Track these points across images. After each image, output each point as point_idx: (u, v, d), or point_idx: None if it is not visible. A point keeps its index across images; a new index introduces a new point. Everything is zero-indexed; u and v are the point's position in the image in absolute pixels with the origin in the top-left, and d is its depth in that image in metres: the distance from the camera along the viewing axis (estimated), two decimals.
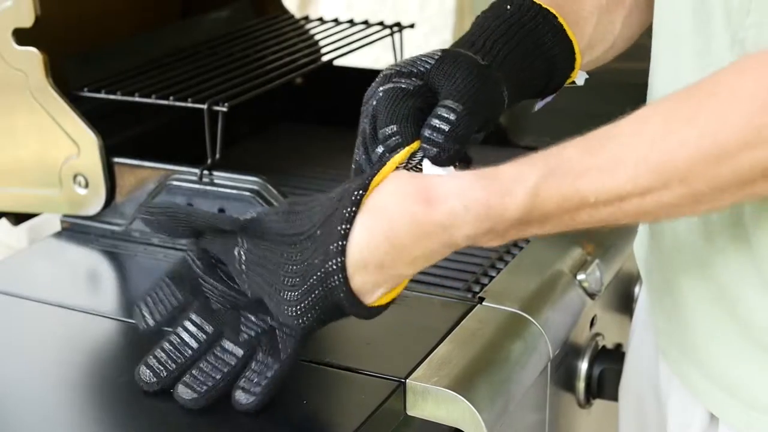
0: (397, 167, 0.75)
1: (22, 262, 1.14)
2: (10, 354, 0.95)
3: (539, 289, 0.99)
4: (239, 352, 0.81)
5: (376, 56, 2.05)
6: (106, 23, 1.31)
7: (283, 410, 0.82)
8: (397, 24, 1.39)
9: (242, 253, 0.79)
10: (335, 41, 1.34)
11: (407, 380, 0.85)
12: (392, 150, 0.76)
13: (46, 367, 0.92)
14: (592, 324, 1.06)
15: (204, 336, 0.82)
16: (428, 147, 0.75)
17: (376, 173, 0.75)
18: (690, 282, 0.80)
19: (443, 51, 0.79)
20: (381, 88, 0.78)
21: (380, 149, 0.77)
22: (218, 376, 0.80)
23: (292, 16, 1.47)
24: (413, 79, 0.77)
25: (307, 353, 0.88)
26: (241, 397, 0.80)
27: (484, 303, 0.96)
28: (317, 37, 1.39)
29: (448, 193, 0.71)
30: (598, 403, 1.08)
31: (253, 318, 0.81)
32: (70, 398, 0.89)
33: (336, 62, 1.35)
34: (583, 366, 1.05)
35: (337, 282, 0.74)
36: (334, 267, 0.74)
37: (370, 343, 0.93)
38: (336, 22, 1.43)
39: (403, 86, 0.77)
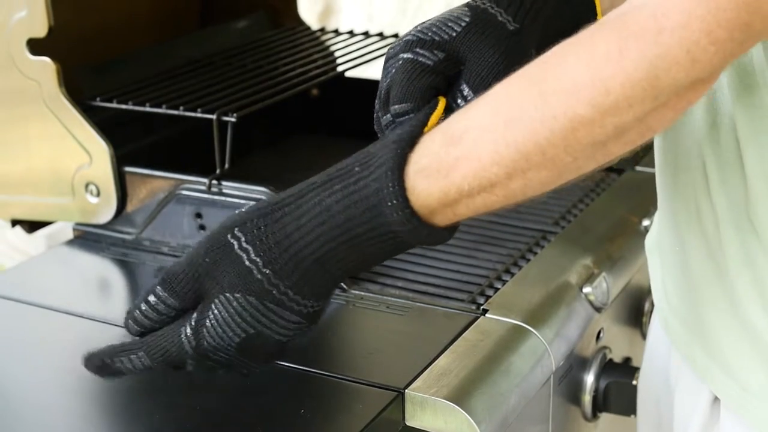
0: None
1: (33, 270, 1.15)
2: (20, 360, 0.96)
3: (543, 301, 0.99)
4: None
5: None
6: (123, 34, 1.33)
7: (281, 419, 0.83)
8: None
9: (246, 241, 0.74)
10: (349, 53, 1.34)
11: (406, 390, 0.85)
12: (400, 116, 0.76)
13: (53, 374, 0.93)
14: (598, 337, 1.06)
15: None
16: None
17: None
18: (698, 268, 0.82)
19: (471, 13, 0.77)
20: (402, 56, 0.76)
21: (389, 117, 0.77)
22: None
23: (308, 28, 1.48)
24: (435, 52, 0.76)
25: (307, 362, 0.89)
26: None
27: (487, 315, 0.96)
28: (332, 49, 1.40)
29: None
30: (605, 417, 1.08)
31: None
32: (76, 404, 0.90)
33: (351, 74, 1.35)
34: (590, 379, 1.04)
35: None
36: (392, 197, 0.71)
37: (372, 353, 0.93)
38: (351, 34, 1.43)
39: (422, 60, 0.75)
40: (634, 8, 0.65)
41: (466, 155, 0.68)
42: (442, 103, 0.75)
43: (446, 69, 0.76)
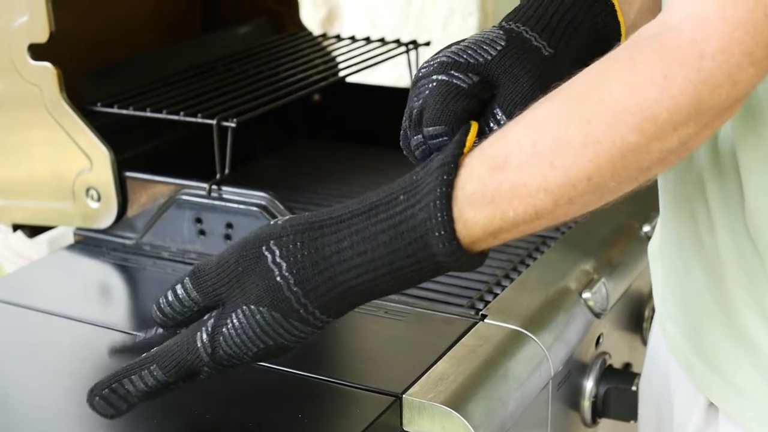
0: None
1: (33, 274, 1.15)
2: (20, 364, 0.96)
3: (542, 306, 0.99)
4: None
5: (399, 74, 2.06)
6: (124, 39, 1.33)
7: (279, 424, 0.83)
8: (413, 42, 1.40)
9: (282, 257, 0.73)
10: (351, 58, 1.34)
11: (404, 395, 0.85)
12: (432, 139, 0.75)
13: (54, 378, 0.93)
14: (597, 343, 1.06)
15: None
16: None
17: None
18: (695, 278, 0.83)
19: (507, 36, 0.76)
20: (436, 77, 0.76)
21: (420, 138, 0.76)
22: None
23: (310, 34, 1.48)
24: (470, 75, 0.75)
25: (305, 367, 0.89)
26: None
27: (486, 320, 0.96)
28: (334, 55, 1.40)
29: None
30: (605, 423, 1.08)
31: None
32: (76, 408, 0.90)
33: (353, 80, 1.36)
34: (589, 385, 1.04)
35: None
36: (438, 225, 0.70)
37: (370, 358, 0.93)
38: (353, 39, 1.44)
39: (456, 83, 0.75)
40: (670, 30, 0.65)
41: (512, 180, 0.68)
42: (474, 127, 0.74)
43: (480, 92, 0.75)
